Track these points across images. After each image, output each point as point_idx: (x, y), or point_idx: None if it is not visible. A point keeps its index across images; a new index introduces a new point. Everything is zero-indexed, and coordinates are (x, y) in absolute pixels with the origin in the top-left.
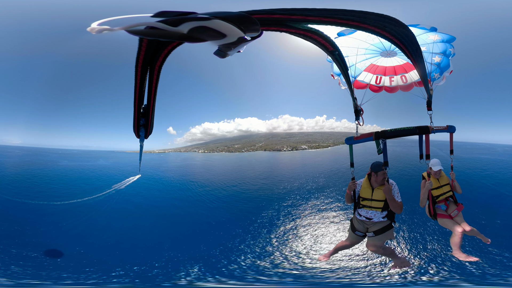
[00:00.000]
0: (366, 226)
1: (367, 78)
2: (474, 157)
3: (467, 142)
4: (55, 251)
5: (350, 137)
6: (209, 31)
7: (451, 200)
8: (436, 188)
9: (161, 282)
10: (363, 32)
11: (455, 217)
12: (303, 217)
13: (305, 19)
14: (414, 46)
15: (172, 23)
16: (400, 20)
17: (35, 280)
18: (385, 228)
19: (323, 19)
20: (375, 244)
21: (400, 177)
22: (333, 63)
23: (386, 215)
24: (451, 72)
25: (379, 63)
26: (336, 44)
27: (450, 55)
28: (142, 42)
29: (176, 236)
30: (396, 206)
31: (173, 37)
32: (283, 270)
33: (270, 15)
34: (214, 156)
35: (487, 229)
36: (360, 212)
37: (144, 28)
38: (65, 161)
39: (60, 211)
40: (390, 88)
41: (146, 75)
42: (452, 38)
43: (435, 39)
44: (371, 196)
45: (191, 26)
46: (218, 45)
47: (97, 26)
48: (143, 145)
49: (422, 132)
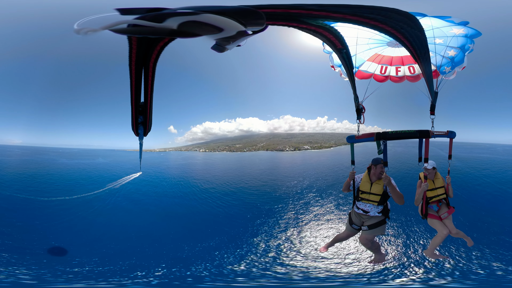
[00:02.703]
0: (362, 219)
1: (371, 68)
2: (474, 156)
3: (467, 143)
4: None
5: (352, 135)
6: (202, 25)
7: (444, 202)
8: (431, 189)
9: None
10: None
11: (444, 219)
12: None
13: (326, 16)
14: (423, 50)
15: (155, 19)
16: (418, 22)
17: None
18: (379, 223)
19: (346, 17)
20: (367, 238)
21: (400, 176)
22: (332, 54)
23: (382, 210)
24: (463, 68)
25: (385, 53)
26: (345, 42)
27: (467, 50)
28: (132, 40)
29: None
30: (399, 196)
31: (163, 33)
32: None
33: (286, 10)
34: (216, 155)
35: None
36: (358, 205)
37: (127, 27)
38: (63, 159)
39: (46, 207)
40: (397, 78)
41: (141, 72)
42: (475, 34)
43: (457, 32)
44: (370, 189)
45: (180, 21)
46: (215, 39)
47: (81, 28)
48: (142, 142)
49: (422, 136)
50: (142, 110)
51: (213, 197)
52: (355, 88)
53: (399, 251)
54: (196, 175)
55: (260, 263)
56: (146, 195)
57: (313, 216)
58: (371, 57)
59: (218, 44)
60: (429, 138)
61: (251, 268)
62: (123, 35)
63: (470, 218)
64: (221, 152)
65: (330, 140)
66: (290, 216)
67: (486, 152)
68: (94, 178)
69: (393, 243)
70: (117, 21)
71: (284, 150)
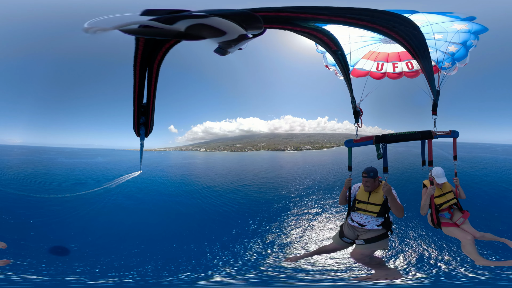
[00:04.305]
0: (356, 233)
1: (366, 66)
2: (475, 155)
3: (467, 143)
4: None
5: (350, 139)
6: (208, 28)
7: (456, 208)
8: (439, 196)
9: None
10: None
11: (462, 225)
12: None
13: (314, 18)
14: (422, 48)
15: (167, 21)
16: (410, 20)
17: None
18: (379, 237)
19: (333, 18)
20: (362, 253)
21: (402, 177)
22: (325, 54)
23: (382, 223)
24: (465, 64)
25: (380, 49)
26: (340, 44)
27: (470, 46)
28: (139, 41)
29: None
30: (399, 208)
31: (170, 35)
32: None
33: (276, 13)
34: (217, 155)
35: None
36: (353, 217)
37: (138, 27)
38: (62, 158)
39: (35, 204)
40: (394, 75)
41: (145, 73)
42: (481, 29)
43: (459, 28)
44: (368, 199)
45: (188, 24)
46: (218, 42)
47: (91, 27)
48: (143, 143)
49: (424, 137)
50: (144, 111)
51: (214, 196)
52: (352, 90)
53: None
54: (198, 174)
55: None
56: (145, 193)
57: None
58: (366, 54)
59: (221, 47)
60: (431, 139)
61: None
62: (131, 36)
63: (478, 216)
64: (221, 152)
65: (331, 140)
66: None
67: (487, 151)
68: (94, 177)
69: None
70: (129, 21)
71: (286, 150)
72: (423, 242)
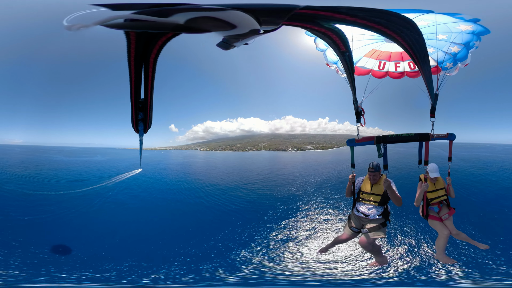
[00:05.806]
0: (361, 222)
1: (368, 64)
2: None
3: (467, 143)
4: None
5: (352, 139)
6: (215, 21)
7: (445, 204)
8: (432, 191)
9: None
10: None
11: (445, 220)
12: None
13: (338, 18)
14: (423, 53)
15: (160, 14)
16: (416, 25)
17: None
18: (379, 226)
19: (357, 21)
20: (368, 241)
21: (401, 175)
22: (325, 52)
23: (382, 213)
24: (466, 64)
25: (382, 48)
26: (349, 46)
27: (472, 47)
28: (130, 35)
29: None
30: (397, 198)
31: (166, 28)
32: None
33: (300, 10)
34: (218, 154)
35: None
36: (358, 207)
37: (124, 21)
38: (60, 157)
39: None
40: (396, 74)
41: (141, 68)
42: (483, 31)
43: (464, 29)
44: (370, 190)
45: (189, 16)
46: (224, 36)
47: (72, 24)
48: (142, 139)
49: (422, 139)
50: (142, 106)
51: (216, 194)
52: (355, 91)
53: (402, 253)
54: (199, 173)
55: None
56: (146, 191)
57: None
58: (368, 52)
59: (225, 41)
60: (429, 141)
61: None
62: (119, 30)
63: (473, 216)
64: (222, 151)
65: (332, 141)
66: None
67: (486, 151)
68: (93, 175)
69: (395, 245)
70: (110, 16)
71: (287, 150)
72: (411, 232)
